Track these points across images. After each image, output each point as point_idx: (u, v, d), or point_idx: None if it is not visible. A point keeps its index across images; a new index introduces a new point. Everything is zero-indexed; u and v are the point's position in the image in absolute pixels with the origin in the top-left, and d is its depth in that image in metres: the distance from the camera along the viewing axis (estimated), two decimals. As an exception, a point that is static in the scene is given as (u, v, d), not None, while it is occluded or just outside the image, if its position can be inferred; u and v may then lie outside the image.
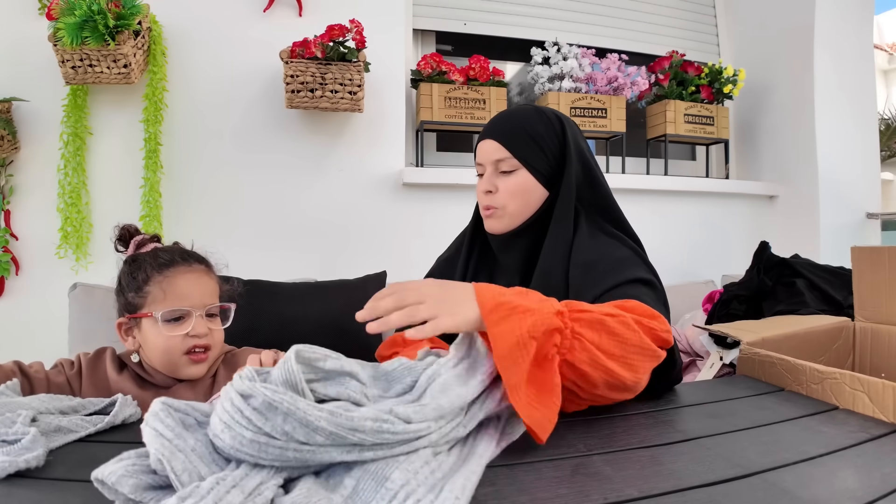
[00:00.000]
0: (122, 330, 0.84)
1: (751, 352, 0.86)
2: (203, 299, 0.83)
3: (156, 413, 0.44)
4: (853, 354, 0.99)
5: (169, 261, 0.83)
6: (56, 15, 1.33)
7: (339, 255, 1.68)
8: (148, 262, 0.83)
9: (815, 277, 1.38)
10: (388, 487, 0.39)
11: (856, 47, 2.04)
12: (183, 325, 0.80)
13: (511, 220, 0.83)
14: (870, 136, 2.09)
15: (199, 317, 0.81)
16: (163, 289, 0.81)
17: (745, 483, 0.48)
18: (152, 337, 0.80)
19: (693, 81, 1.96)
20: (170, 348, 0.80)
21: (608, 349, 0.58)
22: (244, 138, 1.63)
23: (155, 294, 0.80)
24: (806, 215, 1.99)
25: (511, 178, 0.82)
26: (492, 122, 0.86)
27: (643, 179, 1.96)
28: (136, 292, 0.81)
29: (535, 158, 0.81)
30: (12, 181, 1.49)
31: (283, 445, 0.41)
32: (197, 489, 0.37)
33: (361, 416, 0.42)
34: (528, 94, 2.11)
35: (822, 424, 0.64)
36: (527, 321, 0.53)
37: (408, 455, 0.43)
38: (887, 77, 6.54)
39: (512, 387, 0.51)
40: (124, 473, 0.39)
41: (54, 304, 1.41)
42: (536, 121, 0.83)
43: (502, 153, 0.81)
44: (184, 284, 0.82)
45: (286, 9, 1.67)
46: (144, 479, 0.40)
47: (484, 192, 0.83)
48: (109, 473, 0.39)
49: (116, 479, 0.39)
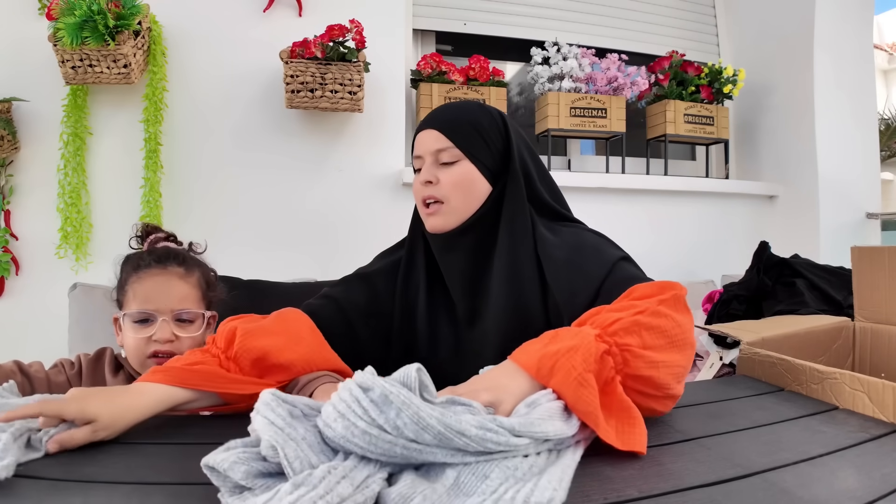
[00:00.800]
0: (116, 325, 0.86)
1: (751, 352, 0.86)
2: (170, 304, 0.82)
3: (267, 402, 0.45)
4: (853, 354, 0.99)
5: (144, 263, 0.84)
6: (56, 15, 1.33)
7: (339, 255, 1.68)
8: (130, 261, 0.86)
9: (815, 277, 1.38)
10: (488, 483, 0.41)
11: (856, 47, 2.04)
12: (148, 328, 0.80)
13: (455, 216, 0.76)
14: (870, 136, 2.09)
15: (163, 321, 0.80)
16: (134, 289, 0.82)
17: (745, 483, 0.48)
18: (126, 336, 0.82)
19: (693, 81, 1.96)
20: (137, 349, 0.81)
21: (655, 344, 0.58)
22: (244, 138, 1.63)
23: (129, 294, 0.83)
24: (806, 215, 1.99)
25: (453, 169, 0.76)
26: (431, 114, 0.81)
27: (643, 179, 1.96)
28: (120, 290, 0.85)
29: (479, 150, 0.77)
30: (12, 181, 1.49)
31: (392, 440, 0.41)
32: (309, 477, 0.38)
33: (468, 420, 0.43)
34: (528, 94, 2.11)
35: (822, 424, 0.64)
36: (577, 359, 0.53)
37: (505, 456, 0.45)
38: (887, 77, 6.54)
39: (593, 421, 0.51)
40: (236, 461, 0.40)
41: (54, 304, 1.41)
42: (479, 114, 0.80)
43: (443, 143, 0.76)
44: (151, 287, 0.82)
45: (286, 9, 1.67)
46: (255, 467, 0.41)
47: (423, 182, 0.76)
48: (221, 461, 0.40)
49: (228, 465, 0.40)
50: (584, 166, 2.07)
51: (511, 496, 0.38)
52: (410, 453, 0.42)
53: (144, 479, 0.50)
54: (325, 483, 0.38)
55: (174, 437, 0.61)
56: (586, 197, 1.86)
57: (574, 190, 1.81)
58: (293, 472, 0.39)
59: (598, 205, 1.89)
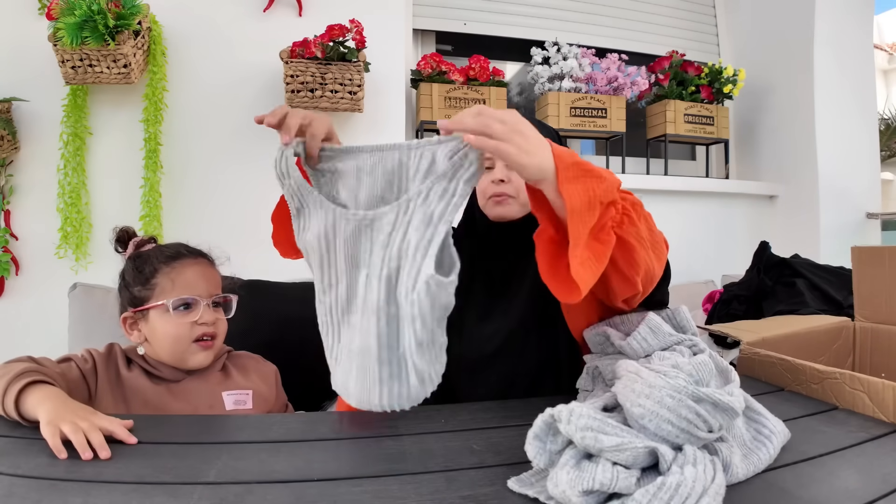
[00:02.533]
0: (126, 324, 0.86)
1: (751, 352, 0.86)
2: (209, 289, 0.87)
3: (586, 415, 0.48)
4: (853, 354, 0.99)
5: (176, 253, 0.88)
6: (56, 15, 1.33)
7: (339, 255, 1.67)
8: (155, 256, 0.87)
9: (815, 277, 1.38)
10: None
11: (856, 47, 2.04)
12: (191, 313, 0.84)
13: (520, 207, 0.84)
14: (870, 136, 2.09)
15: (206, 305, 0.85)
16: (171, 279, 0.84)
17: (745, 483, 0.48)
18: (160, 326, 0.83)
19: (693, 81, 1.96)
20: (179, 336, 0.82)
21: (646, 230, 0.64)
22: (244, 138, 1.63)
23: (163, 285, 0.84)
24: (806, 215, 1.99)
25: None
26: None
27: (643, 179, 1.96)
28: (144, 285, 0.85)
29: None
30: (12, 181, 1.49)
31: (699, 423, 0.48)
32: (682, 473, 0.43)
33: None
34: (528, 94, 2.11)
35: (822, 424, 0.64)
36: (600, 186, 0.58)
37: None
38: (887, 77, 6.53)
39: (575, 240, 0.56)
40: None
41: (54, 304, 1.41)
42: (537, 124, 0.86)
43: None
44: (191, 275, 0.86)
45: (286, 9, 1.67)
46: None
47: (497, 181, 0.83)
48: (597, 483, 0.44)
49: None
50: (584, 166, 2.06)
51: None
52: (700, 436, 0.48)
53: (144, 479, 0.50)
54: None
55: (174, 437, 0.61)
56: (586, 197, 1.86)
57: (574, 190, 1.81)
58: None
59: (598, 205, 1.88)
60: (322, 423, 0.67)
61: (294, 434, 0.64)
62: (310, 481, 0.50)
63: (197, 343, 0.84)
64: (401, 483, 0.50)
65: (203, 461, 0.54)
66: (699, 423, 0.47)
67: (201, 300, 0.85)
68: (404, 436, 0.61)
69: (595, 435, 0.45)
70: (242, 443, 0.61)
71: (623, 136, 1.90)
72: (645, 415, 0.48)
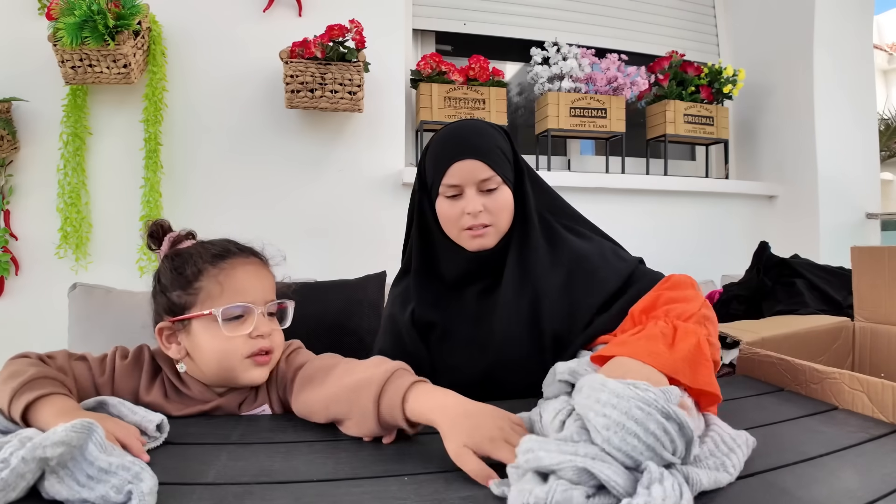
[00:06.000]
0: (163, 336, 0.71)
1: (751, 352, 0.86)
2: (265, 295, 0.73)
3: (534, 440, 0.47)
4: (853, 354, 0.99)
5: (224, 251, 0.73)
6: (56, 15, 1.33)
7: (339, 255, 1.68)
8: (198, 254, 0.73)
9: (815, 277, 1.38)
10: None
11: (856, 47, 2.04)
12: (244, 324, 0.70)
13: (499, 235, 0.83)
14: (870, 136, 2.09)
15: (260, 314, 0.71)
16: (219, 282, 0.70)
17: (745, 483, 0.48)
18: (207, 340, 0.69)
19: (693, 81, 1.96)
20: (230, 351, 0.69)
21: (714, 333, 0.68)
22: (244, 138, 1.63)
23: (209, 289, 0.70)
24: (806, 215, 1.99)
25: (497, 194, 0.81)
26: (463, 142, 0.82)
27: (643, 179, 1.96)
28: (185, 289, 0.70)
29: (508, 171, 0.83)
30: (12, 181, 1.49)
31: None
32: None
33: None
34: (527, 94, 2.11)
35: (822, 424, 0.64)
36: (704, 355, 0.62)
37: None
38: (887, 77, 6.54)
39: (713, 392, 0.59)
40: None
41: (54, 304, 1.41)
42: (497, 134, 0.85)
43: (487, 172, 0.80)
44: (244, 277, 0.72)
45: (286, 9, 1.67)
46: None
47: (473, 213, 0.80)
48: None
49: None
50: (584, 166, 2.07)
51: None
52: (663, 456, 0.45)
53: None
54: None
55: (174, 437, 0.61)
56: (586, 197, 1.86)
57: (574, 190, 1.81)
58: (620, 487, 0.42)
59: (598, 205, 1.88)
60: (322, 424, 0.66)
61: (293, 435, 0.64)
62: (309, 482, 0.50)
63: (251, 358, 0.70)
64: (400, 484, 0.50)
65: (202, 462, 0.54)
66: (666, 441, 0.44)
67: (255, 308, 0.71)
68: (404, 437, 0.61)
69: (536, 454, 0.44)
70: (242, 443, 0.60)
71: (623, 136, 1.90)
72: (610, 426, 0.45)
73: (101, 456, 0.46)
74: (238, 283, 0.71)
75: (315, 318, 1.40)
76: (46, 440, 0.44)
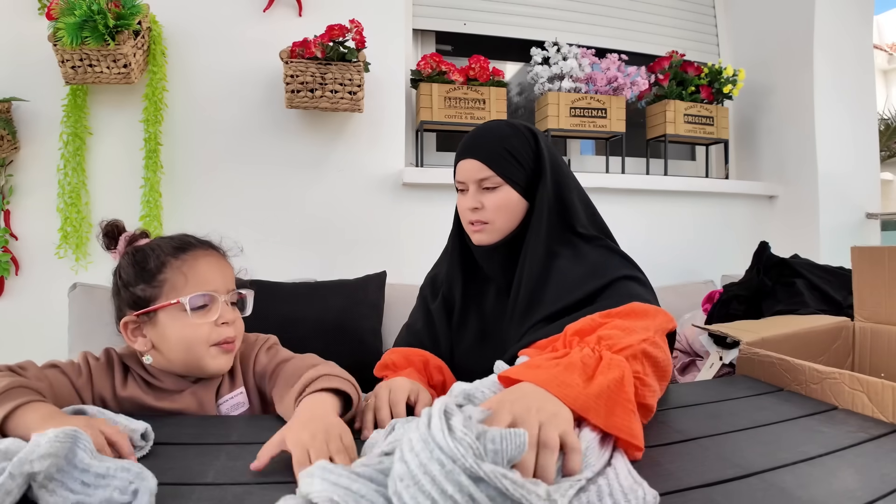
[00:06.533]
0: (128, 330, 0.73)
1: (750, 352, 0.86)
2: (226, 284, 0.75)
3: (324, 468, 0.41)
4: (853, 354, 0.99)
5: (185, 244, 0.75)
6: (56, 15, 1.33)
7: (339, 255, 1.68)
8: (159, 247, 0.74)
9: (815, 277, 1.38)
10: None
11: (855, 47, 2.04)
12: (210, 312, 0.72)
13: (498, 233, 0.85)
14: (869, 136, 2.09)
15: (224, 303, 0.74)
16: (183, 273, 0.72)
17: (744, 483, 0.48)
18: (174, 329, 0.71)
19: (693, 81, 1.96)
20: (196, 339, 0.71)
21: (653, 374, 0.61)
22: (244, 138, 1.63)
23: (174, 280, 0.72)
24: (806, 215, 1.99)
25: (495, 194, 0.84)
26: (469, 142, 0.87)
27: (643, 179, 1.96)
28: (149, 282, 0.72)
29: (515, 173, 0.84)
30: (12, 181, 1.49)
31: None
32: None
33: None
34: (527, 94, 2.11)
35: (822, 424, 0.64)
36: (627, 393, 0.55)
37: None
38: (887, 77, 6.54)
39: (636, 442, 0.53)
40: None
41: (54, 304, 1.41)
42: (511, 135, 0.85)
43: (485, 172, 0.83)
44: (206, 268, 0.74)
45: (286, 9, 1.67)
46: None
47: (470, 209, 0.85)
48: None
49: None
50: (584, 166, 2.07)
51: None
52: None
53: (144, 479, 0.50)
54: None
55: (174, 437, 0.61)
56: (586, 197, 1.86)
57: (574, 190, 1.81)
58: None
59: (598, 205, 1.84)
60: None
61: (293, 434, 0.64)
62: (309, 481, 0.50)
63: (217, 346, 0.72)
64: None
65: (201, 462, 0.54)
66: None
67: (219, 296, 0.73)
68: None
69: (311, 480, 0.39)
70: (241, 443, 0.60)
71: (623, 136, 1.90)
72: (405, 476, 0.37)
73: (94, 462, 0.46)
74: (201, 274, 0.73)
75: (315, 318, 1.41)
76: (32, 454, 0.43)
